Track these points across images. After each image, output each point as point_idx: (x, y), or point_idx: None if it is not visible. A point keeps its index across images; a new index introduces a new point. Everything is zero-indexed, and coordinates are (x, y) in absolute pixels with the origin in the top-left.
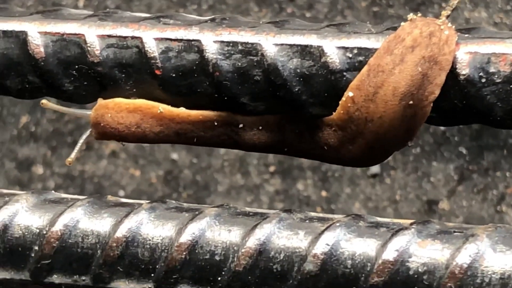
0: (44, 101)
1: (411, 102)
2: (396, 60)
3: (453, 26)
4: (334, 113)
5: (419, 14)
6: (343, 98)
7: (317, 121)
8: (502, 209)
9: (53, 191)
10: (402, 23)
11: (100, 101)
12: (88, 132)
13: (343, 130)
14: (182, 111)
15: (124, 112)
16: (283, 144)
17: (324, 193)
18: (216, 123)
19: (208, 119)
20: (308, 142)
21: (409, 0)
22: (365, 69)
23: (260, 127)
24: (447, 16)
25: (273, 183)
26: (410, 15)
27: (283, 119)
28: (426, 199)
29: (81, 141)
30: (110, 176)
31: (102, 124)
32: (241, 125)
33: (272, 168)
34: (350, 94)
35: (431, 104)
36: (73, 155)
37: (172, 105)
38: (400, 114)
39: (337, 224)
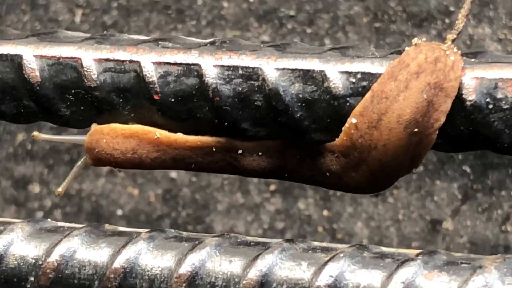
0: (35, 133)
1: (416, 129)
2: (400, 86)
3: (459, 51)
4: (337, 140)
5: (424, 39)
6: (346, 125)
7: (319, 147)
8: (507, 228)
9: (49, 220)
10: (407, 48)
11: (95, 126)
12: (82, 160)
13: (346, 157)
14: (179, 136)
15: (120, 138)
16: (284, 170)
17: (325, 212)
18: (214, 149)
19: (206, 145)
20: (309, 168)
21: (411, 16)
22: (368, 95)
23: (260, 153)
24: (453, 40)
25: (274, 202)
26: (415, 40)
27: (283, 144)
28: (429, 219)
29: (74, 169)
30: (108, 194)
31: (97, 150)
32: (240, 151)
33: (272, 187)
34: (354, 120)
35: (437, 131)
36: (64, 184)
37: (171, 131)
38: (405, 141)
39: (341, 255)
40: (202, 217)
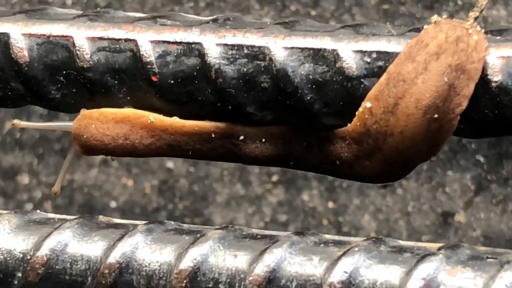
0: (15, 121)
1: (436, 115)
2: (419, 68)
3: (482, 30)
4: (349, 125)
5: (445, 16)
6: (360, 109)
7: (328, 133)
8: None
9: (38, 211)
10: (426, 26)
11: (84, 111)
12: (71, 151)
13: (359, 144)
14: (175, 121)
15: (110, 123)
16: (289, 157)
17: (331, 204)
18: (213, 135)
19: (204, 130)
20: (317, 156)
21: None
22: (384, 77)
23: (263, 140)
24: (476, 18)
25: (276, 194)
26: (434, 17)
27: (289, 130)
28: (441, 211)
29: (65, 165)
30: (101, 186)
31: (85, 136)
32: (241, 137)
33: (275, 178)
34: (368, 104)
35: (458, 117)
36: (58, 183)
37: (170, 115)
38: (423, 128)
39: (356, 249)
40: (200, 209)
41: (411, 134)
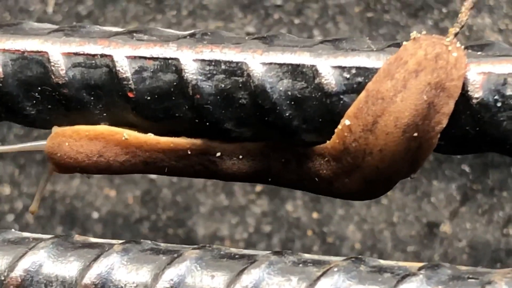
0: None
1: (415, 134)
2: (397, 86)
3: (462, 46)
4: (328, 142)
5: (424, 32)
6: (339, 127)
7: (307, 149)
8: (509, 232)
9: (13, 230)
10: (405, 42)
11: (56, 129)
12: (47, 172)
13: (338, 161)
14: (150, 137)
15: (84, 140)
16: (267, 174)
17: (315, 215)
18: (189, 152)
19: (180, 147)
20: (296, 172)
21: (406, 5)
22: (363, 95)
23: (241, 156)
24: (456, 34)
25: (260, 204)
26: (414, 33)
27: (267, 146)
28: (426, 221)
29: (42, 184)
30: (83, 196)
31: (59, 155)
32: (218, 154)
33: (258, 188)
34: (347, 122)
35: (438, 135)
36: (35, 202)
37: (147, 131)
38: (403, 147)
39: (335, 269)
40: (183, 220)
41: (391, 153)
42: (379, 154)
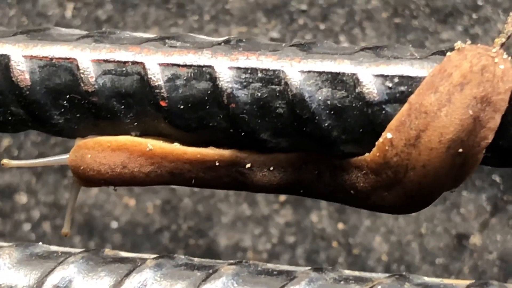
0: (4, 160)
1: (460, 149)
2: (442, 100)
3: (509, 58)
4: (367, 155)
5: (469, 42)
6: (380, 140)
7: (342, 161)
8: None
9: (40, 243)
10: (448, 53)
11: (78, 141)
12: (74, 187)
13: (378, 175)
14: (176, 148)
15: (106, 151)
16: (299, 185)
17: (341, 226)
18: (217, 163)
19: (208, 158)
20: (329, 184)
21: (435, 11)
22: (405, 107)
23: (272, 168)
24: (502, 45)
25: (284, 214)
26: (458, 44)
27: (298, 158)
28: (455, 233)
29: (71, 202)
30: (102, 205)
31: (82, 168)
32: (248, 165)
33: (282, 198)
34: (389, 135)
35: (484, 150)
36: (67, 223)
37: (179, 141)
38: (447, 163)
39: (379, 287)
40: (205, 230)
41: (434, 169)
42: (422, 169)
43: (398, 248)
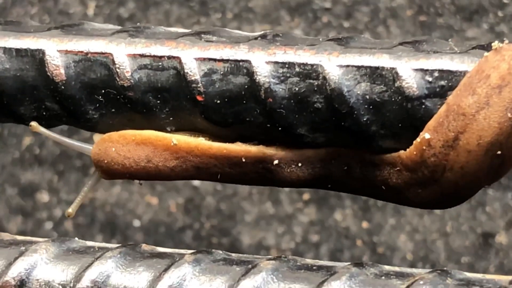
0: (33, 123)
1: (499, 152)
2: (480, 102)
3: None
4: (401, 152)
5: (506, 41)
6: (418, 139)
7: (374, 157)
8: None
9: (76, 238)
10: (486, 53)
11: (97, 136)
12: (94, 178)
13: (413, 172)
14: (201, 142)
15: (131, 145)
16: (327, 181)
17: (365, 224)
18: (244, 159)
19: (234, 154)
20: (359, 179)
21: (460, 9)
22: (443, 108)
23: (300, 164)
24: None
25: (308, 213)
26: (495, 43)
27: (327, 153)
28: (481, 232)
29: (86, 189)
30: (124, 204)
31: (106, 161)
32: (276, 162)
33: (306, 196)
34: (427, 136)
35: None
36: (75, 206)
37: (215, 136)
38: (485, 164)
39: (421, 282)
40: (228, 228)
41: (472, 170)
42: (460, 170)
43: (423, 246)
